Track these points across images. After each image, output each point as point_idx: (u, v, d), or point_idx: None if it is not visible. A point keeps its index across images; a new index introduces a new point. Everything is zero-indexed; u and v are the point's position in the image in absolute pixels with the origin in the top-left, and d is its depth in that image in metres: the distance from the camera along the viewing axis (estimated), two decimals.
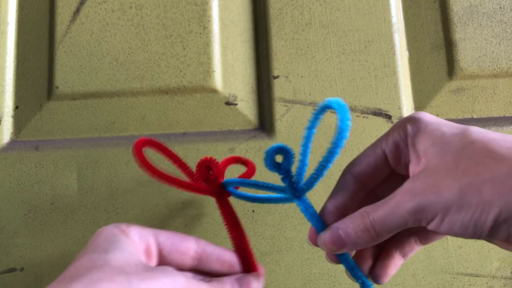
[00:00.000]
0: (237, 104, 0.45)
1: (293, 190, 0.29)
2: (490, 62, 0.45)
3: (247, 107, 0.45)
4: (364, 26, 0.45)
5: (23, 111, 0.45)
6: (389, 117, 0.44)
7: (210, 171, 0.33)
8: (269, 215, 0.42)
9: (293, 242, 0.42)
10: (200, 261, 0.31)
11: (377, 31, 0.45)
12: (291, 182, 0.29)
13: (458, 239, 0.42)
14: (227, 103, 0.45)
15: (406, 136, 0.28)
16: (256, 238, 0.42)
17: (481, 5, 0.45)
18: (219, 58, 0.45)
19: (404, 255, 0.30)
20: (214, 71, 0.45)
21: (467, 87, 0.45)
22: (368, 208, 0.27)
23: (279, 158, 0.29)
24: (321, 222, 0.29)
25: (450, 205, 0.23)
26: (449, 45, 0.45)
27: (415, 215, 0.24)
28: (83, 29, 0.45)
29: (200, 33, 0.45)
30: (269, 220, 0.42)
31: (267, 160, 0.28)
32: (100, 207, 0.43)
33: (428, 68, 0.46)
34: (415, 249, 0.31)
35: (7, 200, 0.43)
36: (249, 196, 0.33)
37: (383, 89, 0.44)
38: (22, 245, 0.42)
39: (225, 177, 0.34)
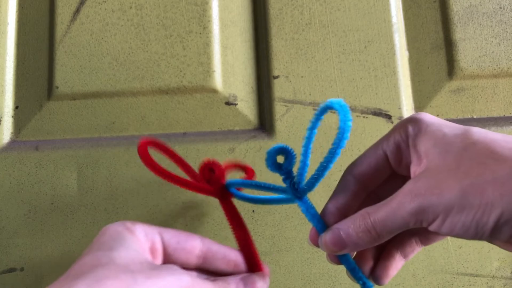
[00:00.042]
0: (237, 104, 0.45)
1: (294, 191, 0.29)
2: (490, 62, 0.45)
3: (247, 107, 0.45)
4: (364, 26, 0.45)
5: (23, 111, 0.45)
6: (389, 117, 0.44)
7: (213, 173, 0.33)
8: (269, 215, 0.42)
9: (293, 242, 0.42)
10: (205, 260, 0.31)
11: (377, 31, 0.45)
12: (292, 182, 0.29)
13: (458, 239, 0.42)
14: (227, 103, 0.45)
15: (407, 137, 0.28)
16: (256, 238, 0.42)
17: (481, 5, 0.45)
18: (219, 58, 0.45)
19: (405, 256, 0.30)
20: (214, 71, 0.45)
21: (467, 87, 0.45)
22: (369, 209, 0.27)
23: (280, 159, 0.29)
24: (322, 223, 0.29)
25: (452, 206, 0.23)
26: (449, 45, 0.45)
27: (416, 216, 0.24)
28: (83, 29, 0.45)
29: (200, 33, 0.45)
30: (269, 220, 0.42)
31: (269, 161, 0.28)
32: (100, 207, 0.43)
33: (428, 68, 0.46)
34: (416, 250, 0.31)
35: (7, 200, 0.43)
36: (250, 198, 0.33)
37: (383, 89, 0.44)
38: (22, 245, 0.42)
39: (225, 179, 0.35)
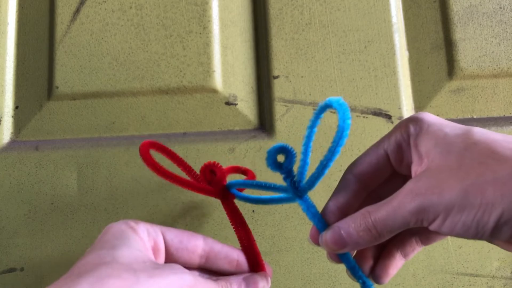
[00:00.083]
0: (237, 104, 0.45)
1: (295, 190, 0.29)
2: (490, 62, 0.45)
3: (247, 107, 0.45)
4: (364, 26, 0.45)
5: (23, 111, 0.45)
6: (389, 117, 0.44)
7: (214, 174, 0.33)
8: (269, 215, 0.42)
9: (293, 242, 0.42)
10: (207, 259, 0.31)
11: (377, 31, 0.45)
12: (293, 181, 0.29)
13: (458, 239, 0.42)
14: (227, 103, 0.45)
15: (408, 137, 0.28)
16: (256, 238, 0.42)
17: (481, 5, 0.45)
18: (219, 58, 0.45)
19: (405, 255, 0.30)
20: (214, 71, 0.45)
21: (467, 87, 0.45)
22: (370, 208, 0.27)
23: (280, 158, 0.29)
24: (322, 222, 0.29)
25: (452, 206, 0.23)
26: (449, 45, 0.45)
27: (417, 215, 0.24)
28: (83, 29, 0.45)
29: (200, 33, 0.45)
30: (269, 220, 0.42)
31: (269, 160, 0.28)
32: (100, 207, 0.43)
33: (428, 68, 0.46)
34: (416, 249, 0.30)
35: (7, 200, 0.43)
36: (252, 198, 0.34)
37: (383, 89, 0.44)
38: (22, 245, 0.42)
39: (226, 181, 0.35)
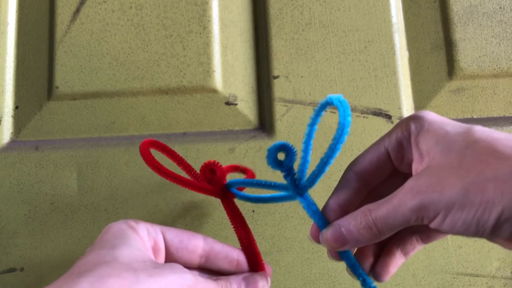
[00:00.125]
0: (237, 104, 0.45)
1: (296, 187, 0.29)
2: (490, 62, 0.45)
3: (247, 107, 0.45)
4: (364, 26, 0.45)
5: (23, 111, 0.45)
6: (389, 117, 0.44)
7: (214, 173, 0.33)
8: (269, 215, 0.42)
9: (293, 242, 0.42)
10: (207, 259, 0.31)
11: (377, 31, 0.45)
12: (293, 179, 0.29)
13: (458, 239, 0.42)
14: (227, 103, 0.45)
15: (409, 135, 0.28)
16: (256, 238, 0.42)
17: (481, 5, 0.45)
18: (219, 58, 0.45)
19: (406, 253, 0.30)
20: (214, 71, 0.45)
21: (467, 87, 0.45)
22: (370, 205, 0.27)
23: (281, 156, 0.29)
24: (323, 219, 0.29)
25: (453, 204, 0.23)
26: (449, 45, 0.45)
27: (417, 213, 0.24)
28: (83, 29, 0.45)
29: (200, 33, 0.45)
30: (269, 220, 0.42)
31: (269, 158, 0.28)
32: (100, 207, 0.43)
33: (428, 68, 0.46)
34: (416, 247, 0.31)
35: (7, 200, 0.43)
36: (252, 197, 0.34)
37: (383, 89, 0.44)
38: (22, 245, 0.42)
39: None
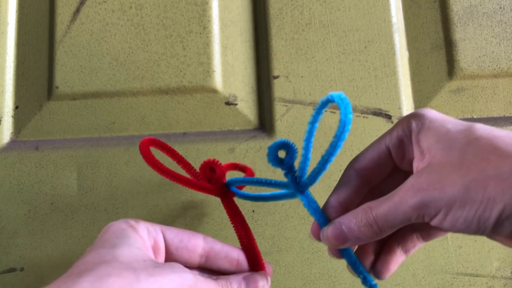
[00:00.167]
0: (237, 104, 0.45)
1: (296, 185, 0.29)
2: (490, 62, 0.45)
3: (247, 107, 0.45)
4: (364, 26, 0.45)
5: (23, 111, 0.45)
6: (389, 117, 0.44)
7: (214, 172, 0.33)
8: (269, 215, 0.42)
9: (293, 242, 0.42)
10: (207, 258, 0.31)
11: (377, 31, 0.45)
12: (294, 177, 0.29)
13: (458, 239, 0.42)
14: (227, 103, 0.45)
15: (410, 132, 0.28)
16: (256, 238, 0.42)
17: (481, 5, 0.45)
18: (219, 58, 0.45)
19: (406, 251, 0.30)
20: (214, 71, 0.45)
21: (467, 87, 0.45)
22: (371, 203, 0.27)
23: (281, 154, 0.29)
24: (324, 217, 0.29)
25: (454, 201, 0.23)
26: (449, 45, 0.45)
27: (418, 210, 0.24)
28: (83, 29, 0.45)
29: (200, 33, 0.45)
30: (269, 220, 0.42)
31: (270, 156, 0.28)
32: (100, 207, 0.43)
33: (428, 68, 0.46)
34: (417, 245, 0.31)
35: (7, 200, 0.43)
36: (252, 196, 0.33)
37: (383, 89, 0.44)
38: (22, 245, 0.42)
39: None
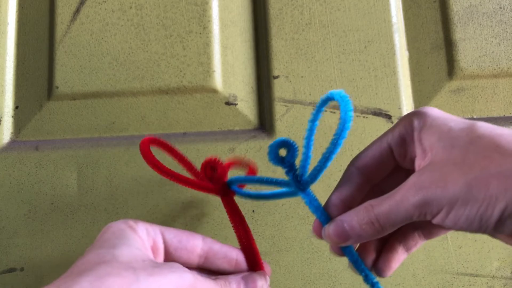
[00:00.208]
0: (237, 104, 0.45)
1: (298, 183, 0.29)
2: (490, 62, 0.45)
3: (247, 107, 0.45)
4: (364, 26, 0.45)
5: (23, 111, 0.45)
6: (389, 117, 0.44)
7: (215, 171, 0.33)
8: (269, 215, 0.42)
9: (293, 242, 0.42)
10: (206, 259, 0.31)
11: (377, 31, 0.45)
12: (295, 175, 0.29)
13: (458, 239, 0.42)
14: (227, 103, 0.45)
15: (412, 130, 0.28)
16: (256, 238, 0.42)
17: (481, 5, 0.45)
18: (219, 58, 0.45)
19: (408, 249, 0.30)
20: (214, 71, 0.45)
21: (467, 87, 0.45)
22: (373, 201, 0.27)
23: (282, 153, 0.29)
24: (325, 215, 0.29)
25: (456, 199, 0.23)
26: (449, 45, 0.45)
27: (420, 208, 0.24)
28: (83, 29, 0.45)
29: (200, 33, 0.45)
30: (269, 220, 0.42)
31: (271, 154, 0.28)
32: (100, 207, 0.43)
33: (428, 68, 0.46)
34: (419, 243, 0.30)
35: (7, 200, 0.43)
36: (253, 194, 0.33)
37: (383, 89, 0.44)
38: (22, 245, 0.42)
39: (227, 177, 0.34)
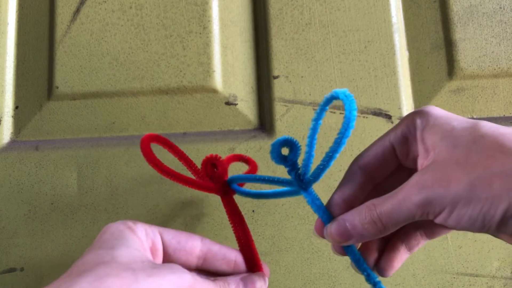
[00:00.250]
0: (237, 104, 0.45)
1: (300, 182, 0.29)
2: (490, 62, 0.45)
3: (247, 107, 0.45)
4: (364, 26, 0.45)
5: (23, 111, 0.45)
6: (389, 117, 0.44)
7: (215, 168, 0.33)
8: (269, 215, 0.42)
9: (293, 242, 0.42)
10: (205, 260, 0.31)
11: (377, 31, 0.45)
12: (297, 174, 0.29)
13: (458, 239, 0.42)
14: (227, 103, 0.45)
15: (415, 130, 0.28)
16: (256, 238, 0.42)
17: (481, 5, 0.45)
18: (219, 58, 0.45)
19: (410, 248, 0.30)
20: (214, 71, 0.45)
21: (467, 87, 0.45)
22: (375, 200, 0.27)
23: (284, 151, 0.28)
24: (327, 214, 0.29)
25: (459, 199, 0.23)
26: (449, 45, 0.45)
27: (422, 208, 0.24)
28: (83, 29, 0.45)
29: (200, 33, 0.45)
30: (269, 220, 0.42)
31: (274, 153, 0.28)
32: (100, 207, 0.43)
33: (428, 68, 0.46)
34: (421, 243, 0.30)
35: (7, 200, 0.43)
36: (254, 193, 0.33)
37: (383, 89, 0.44)
38: (22, 245, 0.42)
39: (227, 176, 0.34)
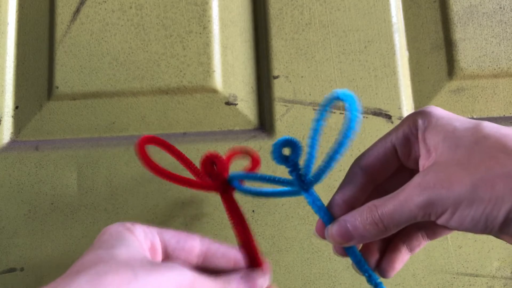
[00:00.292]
0: (237, 104, 0.45)
1: (301, 183, 0.29)
2: (490, 62, 0.45)
3: (247, 107, 0.45)
4: (364, 26, 0.45)
5: (23, 111, 0.45)
6: (389, 117, 0.44)
7: (215, 166, 0.32)
8: (269, 215, 0.42)
9: (293, 242, 0.42)
10: (205, 258, 0.31)
11: (377, 31, 0.45)
12: (298, 174, 0.28)
13: (458, 239, 0.42)
14: (227, 103, 0.45)
15: (416, 130, 0.28)
16: (256, 238, 0.42)
17: (481, 5, 0.45)
18: (219, 58, 0.45)
19: (411, 249, 0.30)
20: (214, 71, 0.45)
21: (467, 87, 0.45)
22: (376, 201, 0.27)
23: (286, 152, 0.28)
24: (328, 215, 0.29)
25: (461, 200, 0.23)
26: (449, 45, 0.45)
27: (424, 209, 0.24)
28: (83, 29, 0.45)
29: (200, 33, 0.45)
30: (269, 220, 0.42)
31: (275, 153, 0.28)
32: (100, 207, 0.43)
33: (428, 68, 0.46)
34: (422, 244, 0.30)
35: (7, 200, 0.43)
36: (254, 191, 0.32)
37: (383, 89, 0.44)
38: (22, 245, 0.42)
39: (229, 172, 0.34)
